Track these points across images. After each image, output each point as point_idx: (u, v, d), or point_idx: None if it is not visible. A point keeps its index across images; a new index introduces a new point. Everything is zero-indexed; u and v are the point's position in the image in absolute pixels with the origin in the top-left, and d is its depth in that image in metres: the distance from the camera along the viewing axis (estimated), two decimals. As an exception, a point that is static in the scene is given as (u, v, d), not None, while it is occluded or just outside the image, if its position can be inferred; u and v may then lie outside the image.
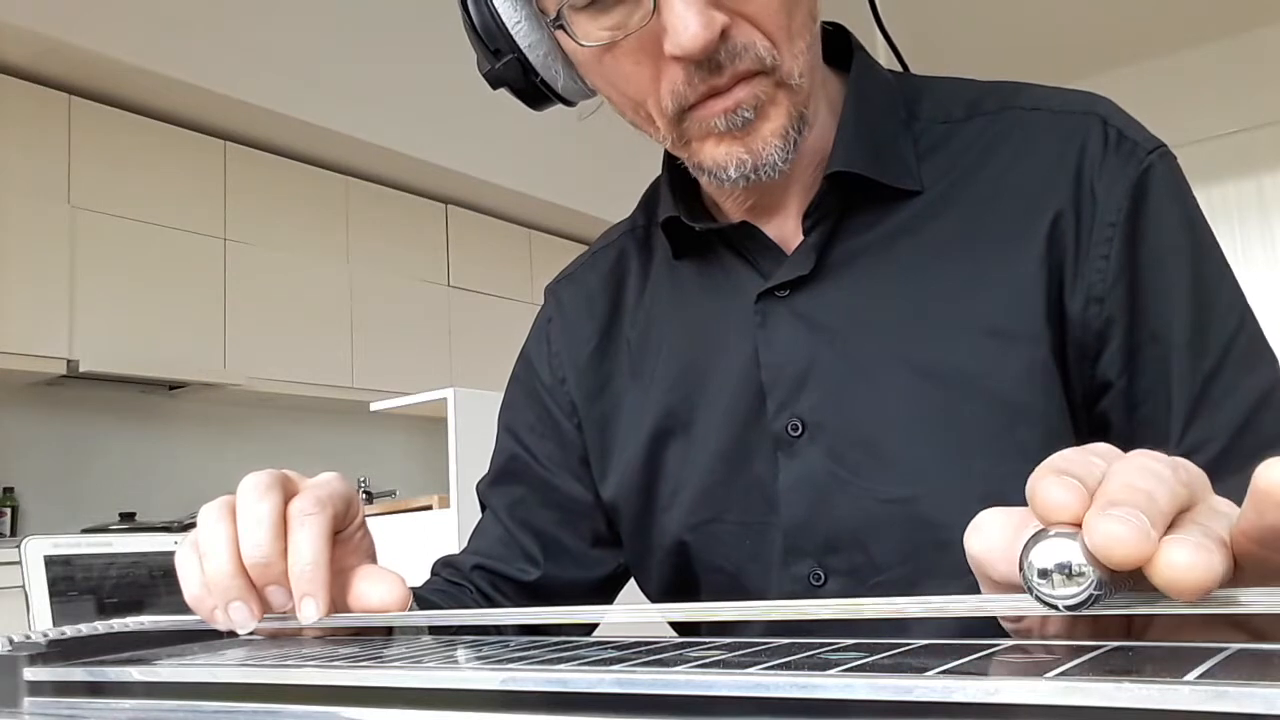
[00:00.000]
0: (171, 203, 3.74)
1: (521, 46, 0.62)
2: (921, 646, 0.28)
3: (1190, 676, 0.21)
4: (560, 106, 0.67)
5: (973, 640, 0.29)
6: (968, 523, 0.33)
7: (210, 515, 0.51)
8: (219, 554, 0.49)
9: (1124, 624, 0.34)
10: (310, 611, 0.48)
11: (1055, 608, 0.27)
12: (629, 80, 0.59)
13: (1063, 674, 0.23)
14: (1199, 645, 0.25)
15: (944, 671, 0.24)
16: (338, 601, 0.50)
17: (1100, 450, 0.32)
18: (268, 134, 3.99)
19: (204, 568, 0.50)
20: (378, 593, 0.51)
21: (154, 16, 3.27)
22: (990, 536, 0.32)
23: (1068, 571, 0.27)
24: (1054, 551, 0.27)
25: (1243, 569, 0.29)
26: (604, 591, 0.78)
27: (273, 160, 4.13)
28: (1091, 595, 0.27)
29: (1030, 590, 0.27)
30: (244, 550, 0.49)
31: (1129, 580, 0.28)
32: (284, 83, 3.67)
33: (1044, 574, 0.27)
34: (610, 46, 0.58)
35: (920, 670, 0.24)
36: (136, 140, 3.66)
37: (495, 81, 0.64)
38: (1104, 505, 0.27)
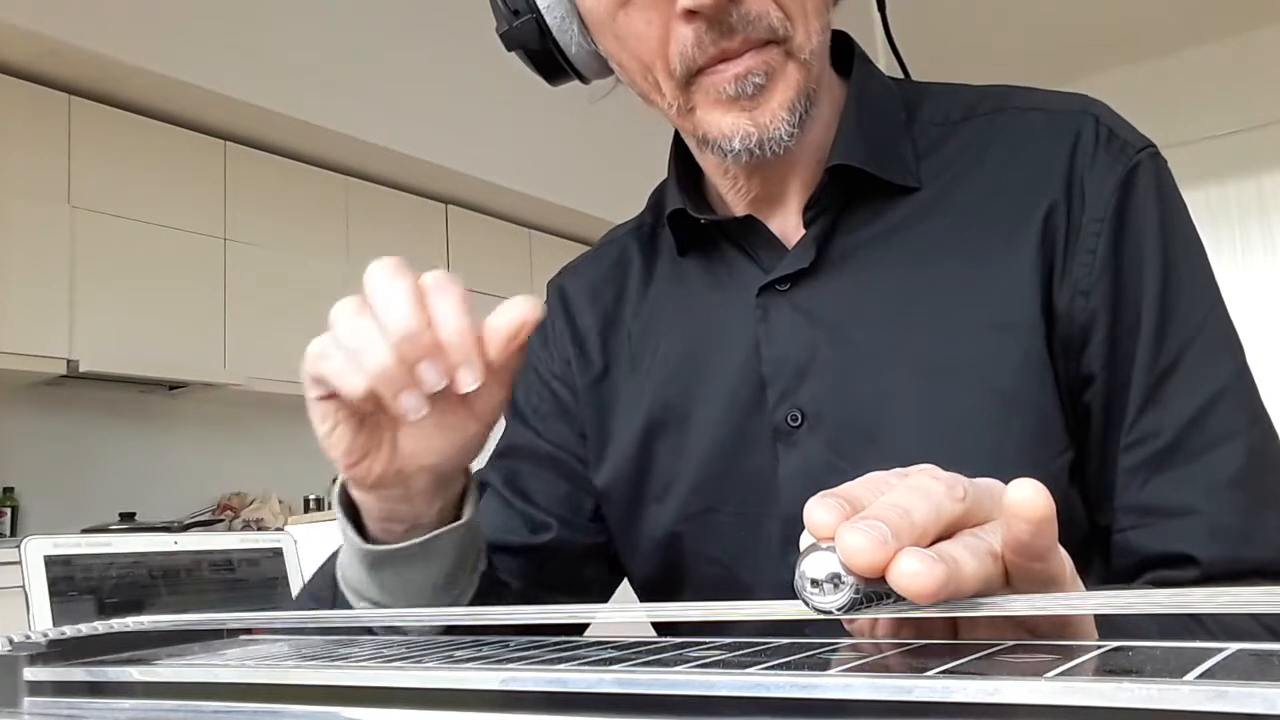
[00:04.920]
0: (171, 203, 3.73)
1: (540, 7, 0.63)
2: (921, 646, 0.28)
3: (1190, 676, 0.21)
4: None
5: (973, 640, 0.29)
6: None
7: (348, 310, 0.49)
8: (376, 347, 0.48)
9: (949, 625, 0.36)
10: (468, 378, 0.48)
11: (829, 613, 0.30)
12: (640, 40, 0.59)
13: (1063, 674, 0.23)
14: (1198, 645, 0.25)
15: (944, 671, 0.24)
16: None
17: (905, 473, 0.35)
18: (268, 134, 3.98)
19: (361, 362, 0.48)
20: (508, 311, 0.49)
21: (154, 16, 3.27)
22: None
23: (834, 580, 0.29)
24: (817, 563, 0.30)
25: (1013, 577, 0.33)
26: (600, 561, 0.77)
27: (273, 160, 4.12)
28: (853, 600, 0.29)
29: (805, 601, 0.30)
30: (390, 324, 0.47)
31: None
32: (284, 83, 3.67)
33: (815, 583, 0.30)
34: (624, 3, 0.58)
35: (920, 670, 0.24)
36: (136, 140, 3.66)
37: (511, 43, 0.65)
38: (855, 519, 0.30)
